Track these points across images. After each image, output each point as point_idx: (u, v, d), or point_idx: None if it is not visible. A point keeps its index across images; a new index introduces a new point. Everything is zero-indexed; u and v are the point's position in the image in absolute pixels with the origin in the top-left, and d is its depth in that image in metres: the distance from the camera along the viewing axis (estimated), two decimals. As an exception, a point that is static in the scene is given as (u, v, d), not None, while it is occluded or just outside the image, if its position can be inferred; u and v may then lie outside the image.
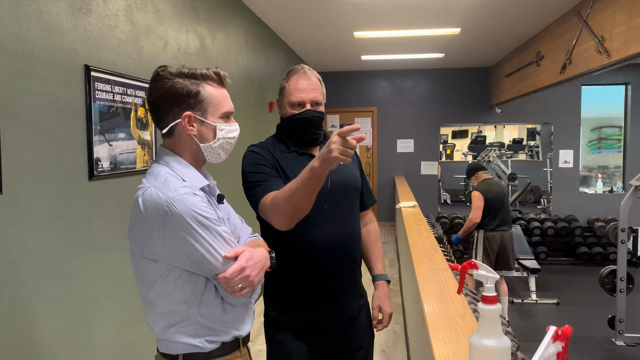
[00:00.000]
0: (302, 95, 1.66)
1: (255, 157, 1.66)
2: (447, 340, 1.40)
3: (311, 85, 1.67)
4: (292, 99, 1.67)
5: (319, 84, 1.71)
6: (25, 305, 1.72)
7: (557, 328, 0.71)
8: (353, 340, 1.76)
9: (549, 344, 0.71)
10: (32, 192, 1.75)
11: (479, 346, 0.98)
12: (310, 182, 1.41)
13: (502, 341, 0.98)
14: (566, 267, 7.04)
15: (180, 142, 1.32)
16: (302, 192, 1.43)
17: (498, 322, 0.99)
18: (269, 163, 1.65)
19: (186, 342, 1.27)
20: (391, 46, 6.53)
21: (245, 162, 1.68)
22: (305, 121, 1.67)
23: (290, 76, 1.70)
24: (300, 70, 1.70)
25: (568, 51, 4.62)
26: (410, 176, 8.32)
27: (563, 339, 0.69)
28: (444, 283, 1.95)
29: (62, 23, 1.92)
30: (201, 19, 3.40)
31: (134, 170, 2.43)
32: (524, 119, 8.76)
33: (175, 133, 1.31)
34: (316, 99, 1.68)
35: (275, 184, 1.58)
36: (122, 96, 2.33)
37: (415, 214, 3.94)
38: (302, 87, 1.67)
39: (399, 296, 5.02)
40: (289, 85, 1.69)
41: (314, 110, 1.67)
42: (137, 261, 1.28)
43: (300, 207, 1.47)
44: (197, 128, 1.30)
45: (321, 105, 1.70)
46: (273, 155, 1.68)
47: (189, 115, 1.28)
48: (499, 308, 0.98)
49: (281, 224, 1.52)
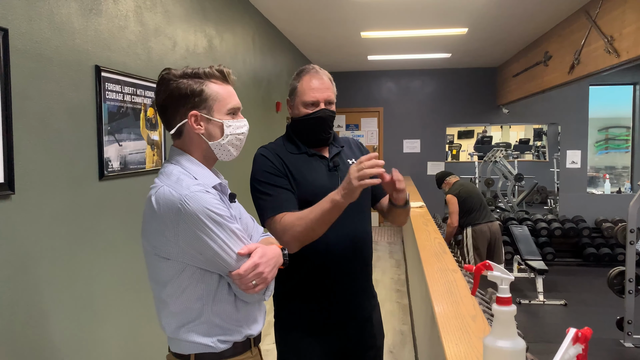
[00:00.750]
0: (316, 94, 1.66)
1: (265, 164, 1.65)
2: (458, 341, 1.40)
3: (324, 85, 1.68)
4: (305, 98, 1.66)
5: (330, 83, 1.72)
6: (36, 304, 1.72)
7: (577, 330, 0.71)
8: (365, 341, 1.76)
9: (569, 346, 0.70)
10: (44, 192, 1.76)
11: (494, 347, 0.98)
12: (330, 213, 1.48)
13: (517, 343, 0.98)
14: (573, 268, 7.00)
15: (189, 141, 1.32)
16: (321, 222, 1.50)
17: (513, 324, 0.98)
18: (278, 171, 1.64)
19: (198, 342, 1.27)
20: (398, 46, 6.52)
21: (255, 167, 1.67)
22: (320, 120, 1.66)
23: (302, 76, 1.70)
24: (311, 70, 1.70)
25: (577, 51, 4.60)
26: (416, 177, 8.30)
27: (583, 341, 0.68)
28: (453, 284, 1.94)
29: (73, 24, 1.93)
30: (209, 19, 3.41)
31: (143, 170, 2.43)
32: (531, 119, 8.73)
33: (184, 133, 1.32)
34: (329, 98, 1.68)
35: (284, 200, 1.59)
36: (132, 96, 2.34)
37: (423, 215, 3.93)
38: (315, 86, 1.66)
39: (406, 297, 5.02)
40: (302, 85, 1.68)
41: (328, 109, 1.67)
42: (150, 259, 1.29)
43: (315, 234, 1.52)
44: (204, 126, 1.31)
45: (333, 105, 1.71)
46: (282, 160, 1.67)
47: (195, 114, 1.29)
48: (514, 309, 0.98)
49: (291, 246, 1.54)
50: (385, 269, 6.14)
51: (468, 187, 5.29)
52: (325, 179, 1.67)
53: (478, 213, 5.12)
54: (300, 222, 1.51)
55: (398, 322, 4.32)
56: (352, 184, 1.42)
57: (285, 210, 1.57)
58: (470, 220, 5.12)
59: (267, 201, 1.60)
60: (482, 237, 5.06)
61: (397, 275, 5.89)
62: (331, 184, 1.64)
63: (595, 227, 7.56)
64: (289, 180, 1.63)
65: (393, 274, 5.95)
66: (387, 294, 5.09)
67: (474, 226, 5.10)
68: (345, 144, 1.81)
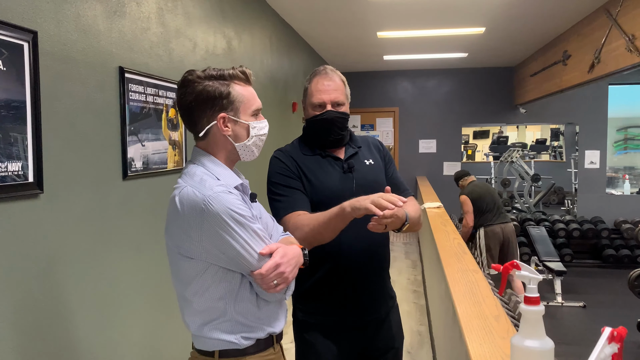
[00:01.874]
0: (323, 96, 1.66)
1: (280, 167, 1.68)
2: (482, 341, 1.40)
3: (332, 86, 1.67)
4: (313, 100, 1.68)
5: (342, 84, 1.70)
6: (62, 301, 1.76)
7: (613, 329, 0.71)
8: (383, 342, 1.75)
9: (605, 345, 0.70)
10: (71, 191, 1.80)
11: (522, 347, 0.98)
12: (335, 220, 1.48)
13: (545, 342, 0.98)
14: (592, 270, 6.92)
15: (214, 143, 1.34)
16: (327, 227, 1.50)
17: (541, 323, 0.98)
18: (292, 174, 1.65)
19: (222, 339, 1.29)
20: (414, 46, 6.50)
21: (271, 169, 1.70)
22: (326, 122, 1.66)
23: (313, 78, 1.71)
24: (322, 71, 1.70)
25: (597, 50, 4.55)
26: (432, 177, 8.26)
27: (618, 340, 0.68)
28: (475, 284, 1.94)
29: (99, 26, 1.97)
30: (228, 20, 3.44)
31: (165, 170, 2.46)
32: (548, 119, 8.64)
33: (210, 134, 1.33)
34: (337, 100, 1.67)
35: (297, 200, 1.60)
36: (154, 97, 2.37)
37: (441, 215, 3.92)
38: (322, 88, 1.67)
39: (423, 297, 5.00)
40: (311, 87, 1.70)
41: (334, 110, 1.66)
42: (174, 259, 1.31)
43: (321, 238, 1.53)
44: (231, 128, 1.33)
45: (343, 106, 1.69)
46: (296, 162, 1.68)
47: (223, 116, 1.31)
48: (542, 309, 0.98)
49: None
50: (401, 269, 6.13)
51: (482, 188, 5.30)
52: (338, 181, 1.66)
53: (491, 214, 5.11)
54: (309, 223, 1.52)
55: (415, 322, 4.31)
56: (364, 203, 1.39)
57: (297, 209, 1.59)
58: (483, 221, 5.12)
59: (281, 202, 1.62)
60: (494, 238, 5.05)
61: (413, 275, 5.87)
62: (344, 186, 1.64)
63: (614, 228, 7.46)
64: (302, 182, 1.64)
65: (409, 274, 5.93)
66: (403, 294, 5.08)
67: (486, 227, 5.09)
68: (363, 144, 1.80)
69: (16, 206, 1.54)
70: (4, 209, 1.50)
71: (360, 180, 1.65)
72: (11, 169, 1.51)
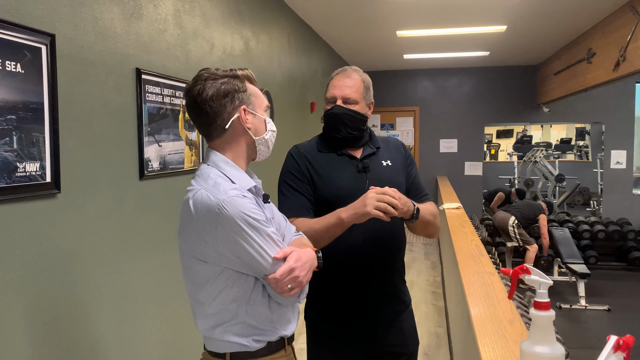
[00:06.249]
0: (335, 91, 1.67)
1: (291, 165, 1.69)
2: (494, 345, 1.38)
3: (347, 83, 1.67)
4: (327, 94, 1.70)
5: (360, 83, 1.69)
6: (78, 299, 1.79)
7: (619, 338, 0.68)
8: (394, 346, 1.72)
9: (610, 354, 0.68)
10: (87, 191, 1.83)
11: (531, 353, 0.96)
12: (333, 229, 1.50)
13: (556, 349, 0.95)
14: (618, 273, 6.76)
15: (233, 138, 1.33)
16: (324, 234, 1.52)
17: (551, 329, 0.96)
18: (301, 175, 1.66)
19: (234, 341, 1.29)
20: (434, 45, 6.44)
21: (284, 165, 1.72)
22: (333, 116, 1.65)
23: (334, 75, 1.73)
24: (343, 69, 1.72)
25: (622, 47, 4.43)
26: (453, 177, 8.17)
27: (625, 349, 0.66)
28: (490, 287, 1.91)
29: (116, 28, 2.00)
30: (245, 21, 3.46)
31: (181, 170, 2.49)
32: (573, 118, 8.47)
33: (230, 129, 1.32)
34: (347, 96, 1.65)
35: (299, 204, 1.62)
36: (171, 98, 2.39)
37: (460, 216, 3.87)
38: (337, 83, 1.68)
39: (442, 299, 4.95)
40: (329, 83, 1.72)
41: (342, 106, 1.65)
42: (187, 262, 1.31)
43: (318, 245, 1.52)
44: (251, 121, 1.34)
45: (356, 104, 1.66)
46: (308, 160, 1.68)
47: (245, 108, 1.32)
48: (553, 315, 0.96)
49: None
50: (420, 270, 6.08)
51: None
52: (350, 180, 1.65)
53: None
54: (306, 230, 1.53)
55: (433, 324, 4.27)
56: (364, 209, 1.44)
57: (296, 215, 1.60)
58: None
59: (283, 202, 1.65)
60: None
61: (432, 277, 5.82)
62: (356, 186, 1.62)
63: (641, 230, 7.28)
64: (309, 184, 1.65)
65: (428, 275, 5.88)
66: (422, 295, 5.04)
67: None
68: (383, 145, 1.76)
69: (34, 206, 1.58)
70: (22, 208, 1.53)
71: (374, 181, 1.62)
72: (29, 169, 1.54)
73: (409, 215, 1.54)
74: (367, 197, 1.45)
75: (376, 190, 1.46)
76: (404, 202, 1.50)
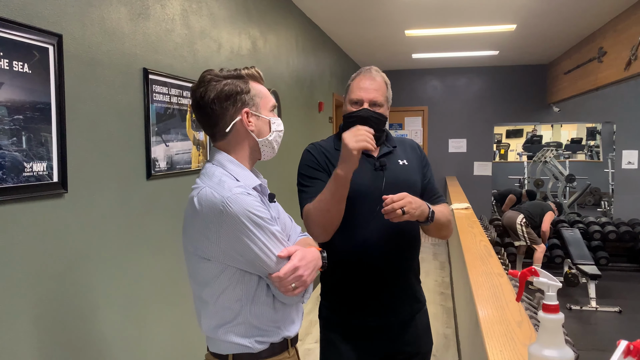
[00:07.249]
0: (361, 94, 1.67)
1: (309, 159, 1.71)
2: (502, 347, 1.36)
3: (373, 86, 1.68)
4: (352, 96, 1.70)
5: (384, 86, 1.71)
6: (85, 299, 1.79)
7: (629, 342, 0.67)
8: (408, 346, 1.72)
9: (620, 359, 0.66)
10: (95, 191, 1.83)
11: (540, 356, 0.94)
12: (335, 188, 1.51)
13: (565, 352, 0.94)
14: (629, 274, 6.68)
15: (236, 141, 1.33)
16: (330, 200, 1.53)
17: (560, 332, 0.95)
18: (319, 166, 1.68)
19: (236, 342, 1.29)
20: (443, 44, 6.40)
21: (301, 162, 1.73)
22: (360, 119, 1.65)
23: (357, 75, 1.73)
24: (367, 70, 1.73)
25: (633, 46, 4.38)
26: (462, 177, 8.12)
27: (635, 354, 0.64)
28: (499, 288, 1.89)
29: (123, 28, 2.00)
30: (253, 21, 3.45)
31: (189, 170, 2.49)
32: (584, 118, 8.39)
33: (232, 132, 1.32)
34: (375, 99, 1.67)
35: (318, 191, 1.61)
36: (178, 98, 2.40)
37: (469, 217, 3.84)
38: (363, 86, 1.68)
39: (450, 300, 4.92)
40: (353, 84, 1.72)
41: (370, 109, 1.66)
42: (191, 260, 1.31)
43: (330, 215, 1.54)
44: (254, 123, 1.33)
45: (382, 107, 1.69)
46: (326, 156, 1.70)
47: (247, 111, 1.31)
48: (562, 318, 0.94)
49: (317, 234, 1.58)
50: (429, 270, 6.05)
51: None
52: (367, 178, 1.65)
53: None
54: (315, 205, 1.56)
55: (442, 325, 4.25)
56: (348, 151, 1.47)
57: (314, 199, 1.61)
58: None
59: (304, 192, 1.67)
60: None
61: (441, 277, 5.79)
62: (373, 184, 1.63)
63: (653, 231, 7.18)
64: (328, 175, 1.64)
65: (437, 276, 5.85)
66: (430, 296, 5.01)
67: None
68: (399, 145, 1.79)
69: (41, 205, 1.58)
70: (29, 208, 1.54)
71: (390, 178, 1.64)
72: (37, 169, 1.55)
73: (424, 217, 1.55)
74: (345, 139, 1.49)
75: (349, 131, 1.52)
76: (417, 205, 1.51)
